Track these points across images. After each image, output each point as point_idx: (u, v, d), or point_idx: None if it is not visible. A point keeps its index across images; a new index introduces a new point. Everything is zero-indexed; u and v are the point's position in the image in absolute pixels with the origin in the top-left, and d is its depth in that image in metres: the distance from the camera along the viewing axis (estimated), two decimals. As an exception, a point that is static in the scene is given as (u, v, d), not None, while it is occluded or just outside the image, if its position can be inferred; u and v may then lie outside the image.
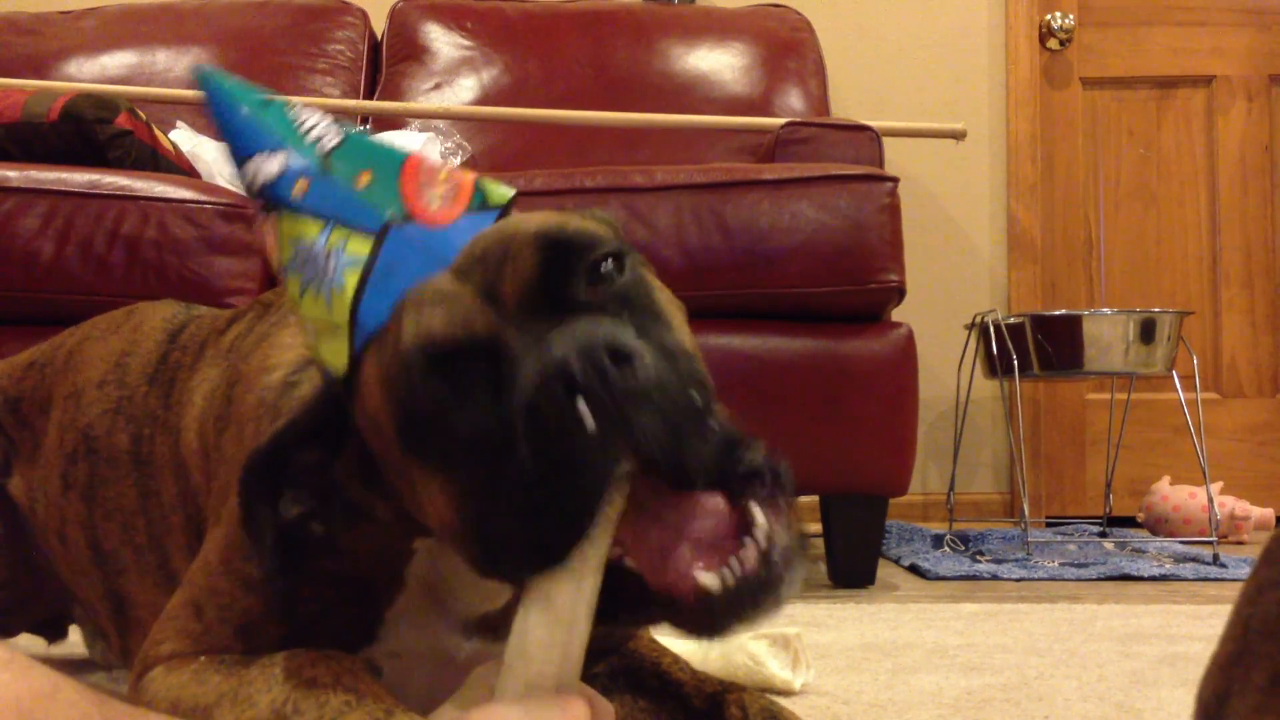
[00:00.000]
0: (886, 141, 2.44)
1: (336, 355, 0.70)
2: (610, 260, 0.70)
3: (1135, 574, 2.22)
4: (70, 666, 1.38)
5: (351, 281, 0.69)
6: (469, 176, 0.75)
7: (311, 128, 0.74)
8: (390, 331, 0.68)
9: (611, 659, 0.95)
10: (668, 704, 0.92)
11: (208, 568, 0.84)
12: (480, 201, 0.74)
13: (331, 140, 0.73)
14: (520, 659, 0.67)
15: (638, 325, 0.68)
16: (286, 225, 0.71)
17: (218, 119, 0.75)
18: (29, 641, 1.32)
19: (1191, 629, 1.63)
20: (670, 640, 1.32)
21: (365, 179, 0.71)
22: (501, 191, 0.75)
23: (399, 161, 0.73)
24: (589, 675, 0.93)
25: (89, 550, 1.08)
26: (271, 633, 0.80)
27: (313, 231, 0.70)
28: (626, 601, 0.66)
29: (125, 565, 1.04)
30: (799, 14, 3.16)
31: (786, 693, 1.23)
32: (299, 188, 0.71)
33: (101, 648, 1.24)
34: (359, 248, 0.69)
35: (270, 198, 0.72)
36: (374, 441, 0.72)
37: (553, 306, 0.67)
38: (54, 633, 1.33)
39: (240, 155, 0.73)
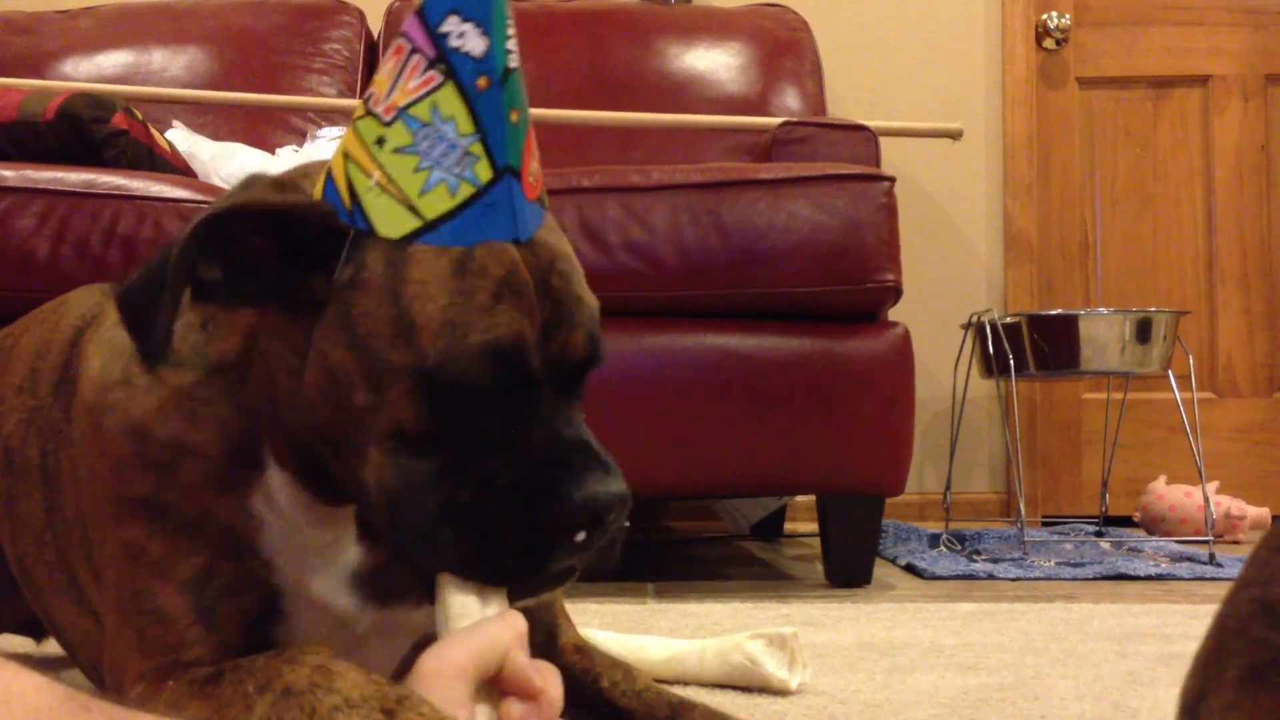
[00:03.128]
0: (883, 141, 2.44)
1: (393, 223, 0.73)
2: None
3: (1131, 573, 2.22)
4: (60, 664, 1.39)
5: (464, 194, 0.72)
6: (539, 167, 0.80)
7: (512, 37, 0.76)
8: (485, 288, 0.72)
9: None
10: None
11: (122, 611, 0.83)
12: (544, 196, 0.80)
13: (514, 61, 0.76)
14: (462, 618, 0.74)
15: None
16: (447, 99, 0.72)
17: None
18: (20, 643, 1.32)
19: (1187, 628, 1.63)
20: (670, 641, 1.32)
21: (515, 116, 0.74)
22: (546, 196, 0.81)
23: (528, 122, 0.76)
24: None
25: (17, 568, 1.05)
26: (210, 642, 0.81)
27: (466, 128, 0.72)
28: None
29: (43, 584, 1.01)
30: (796, 13, 3.16)
31: (783, 692, 1.23)
32: (481, 81, 0.73)
33: None
34: (485, 171, 0.73)
35: (455, 65, 0.73)
36: (379, 329, 0.73)
37: (569, 390, 0.77)
38: (41, 631, 1.32)
39: (452, 5, 0.74)
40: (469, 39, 0.73)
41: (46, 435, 0.97)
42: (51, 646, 1.36)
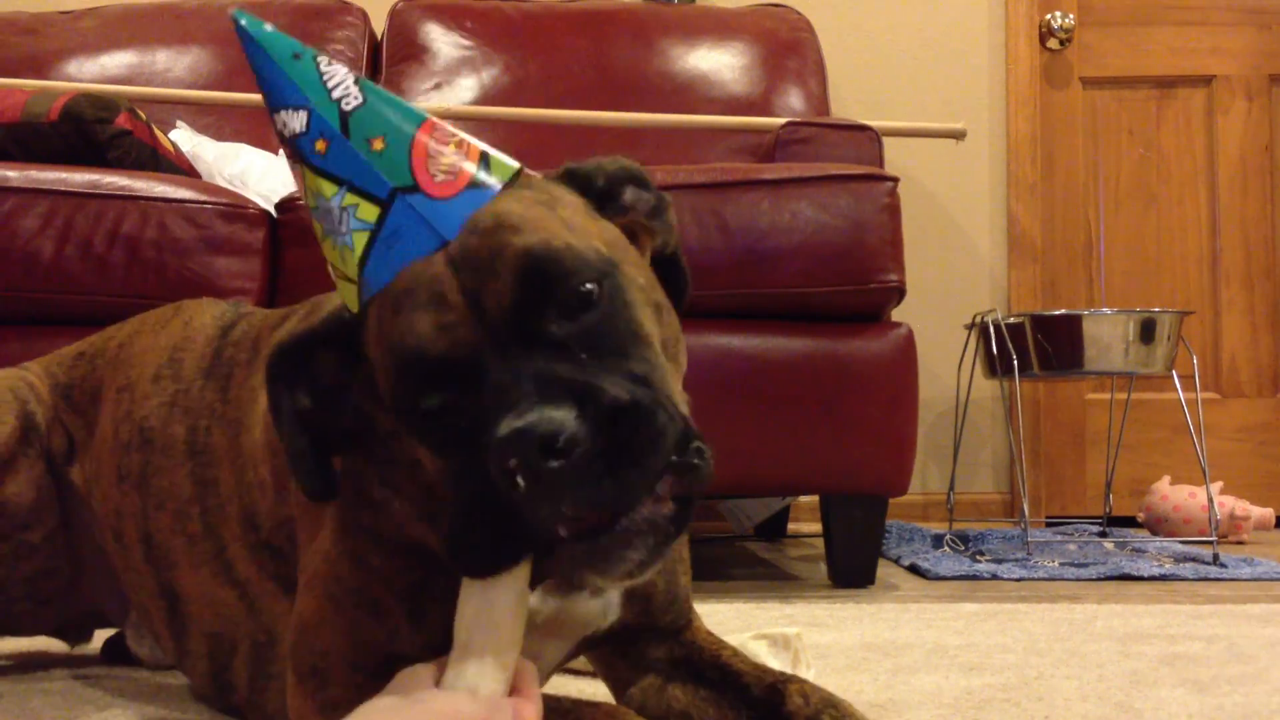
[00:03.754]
0: (886, 141, 2.44)
1: (350, 299, 0.79)
2: (588, 289, 0.75)
3: (1135, 574, 2.22)
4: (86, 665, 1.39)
5: (360, 244, 0.76)
6: (477, 148, 0.79)
7: (337, 84, 0.79)
8: (385, 312, 0.75)
9: (674, 648, 0.98)
10: (728, 693, 0.94)
11: (334, 599, 0.89)
12: (485, 173, 0.78)
13: (353, 101, 0.78)
14: (484, 633, 0.73)
15: (604, 362, 0.74)
16: (309, 180, 0.78)
17: (252, 66, 0.81)
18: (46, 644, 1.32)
19: (1191, 629, 1.63)
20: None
21: (379, 144, 0.76)
22: (507, 165, 0.80)
23: (414, 127, 0.78)
24: (650, 660, 0.98)
25: (141, 545, 1.11)
26: (415, 641, 0.86)
27: (329, 190, 0.77)
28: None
29: (177, 558, 1.07)
30: (799, 14, 3.16)
31: (786, 692, 1.23)
32: (319, 146, 0.77)
33: (150, 645, 1.24)
34: (368, 213, 0.76)
35: (294, 151, 0.78)
36: (382, 392, 0.79)
37: (526, 336, 0.73)
38: (77, 635, 1.33)
39: (271, 105, 0.80)
40: (291, 122, 0.78)
41: (195, 414, 1.06)
42: (34, 645, 1.36)
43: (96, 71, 2.91)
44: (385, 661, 0.85)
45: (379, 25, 3.14)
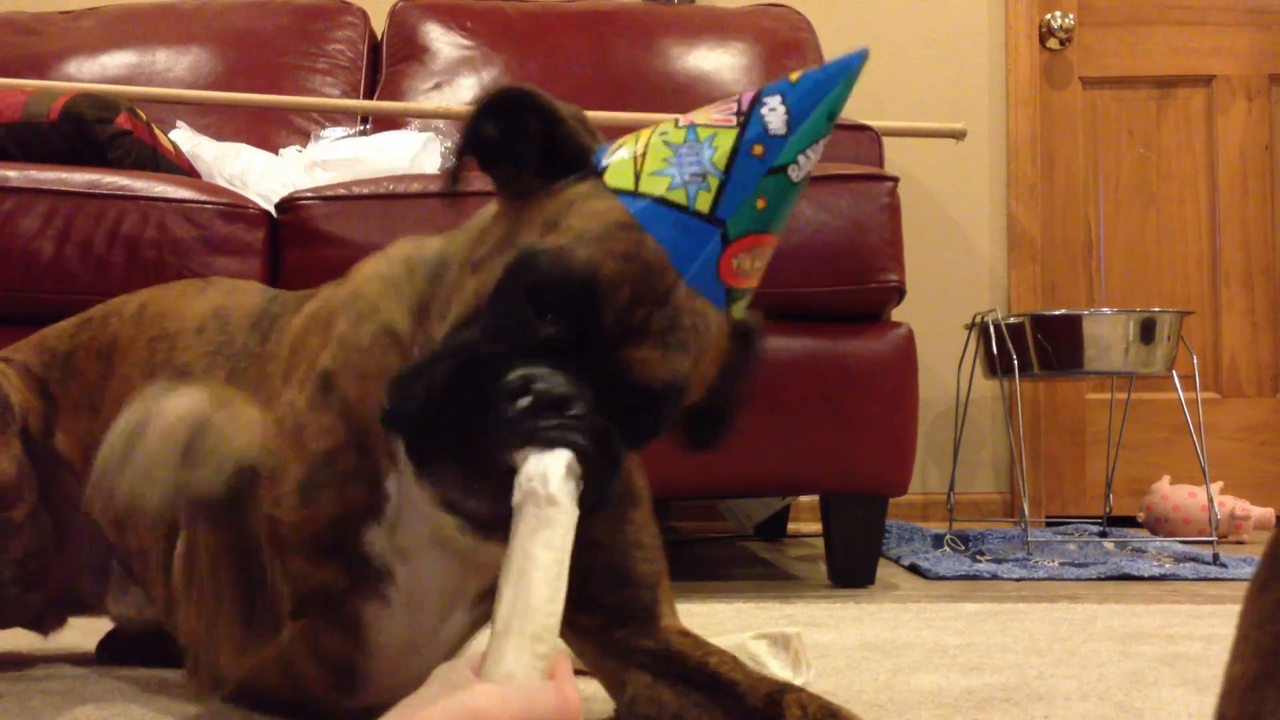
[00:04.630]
0: (886, 141, 2.44)
1: (619, 179, 0.83)
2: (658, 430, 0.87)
3: (1135, 574, 2.22)
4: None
5: (678, 197, 0.81)
6: (755, 280, 0.91)
7: (808, 158, 0.85)
8: (629, 241, 0.80)
9: (653, 643, 1.00)
10: (723, 701, 0.94)
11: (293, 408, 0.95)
12: (736, 298, 0.90)
13: (796, 175, 0.84)
14: (521, 618, 0.73)
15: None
16: (724, 138, 0.82)
17: (822, 77, 0.87)
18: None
19: (1191, 629, 1.63)
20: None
21: (761, 204, 0.83)
22: (741, 311, 0.96)
23: (768, 228, 0.85)
24: (632, 653, 0.99)
25: None
26: (298, 517, 0.93)
27: (720, 165, 0.82)
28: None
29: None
30: (799, 14, 3.16)
31: (786, 692, 1.23)
32: (758, 150, 0.82)
33: (139, 601, 1.23)
34: (705, 203, 0.81)
35: (751, 123, 0.83)
36: (542, 204, 0.84)
37: (618, 392, 0.81)
38: (55, 621, 1.32)
39: (790, 92, 0.85)
40: (775, 116, 0.83)
41: (236, 358, 1.11)
42: (34, 644, 1.36)
43: (96, 71, 2.90)
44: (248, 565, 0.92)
45: (379, 25, 3.14)
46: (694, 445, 0.95)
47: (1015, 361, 2.58)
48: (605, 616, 1.01)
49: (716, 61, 3.00)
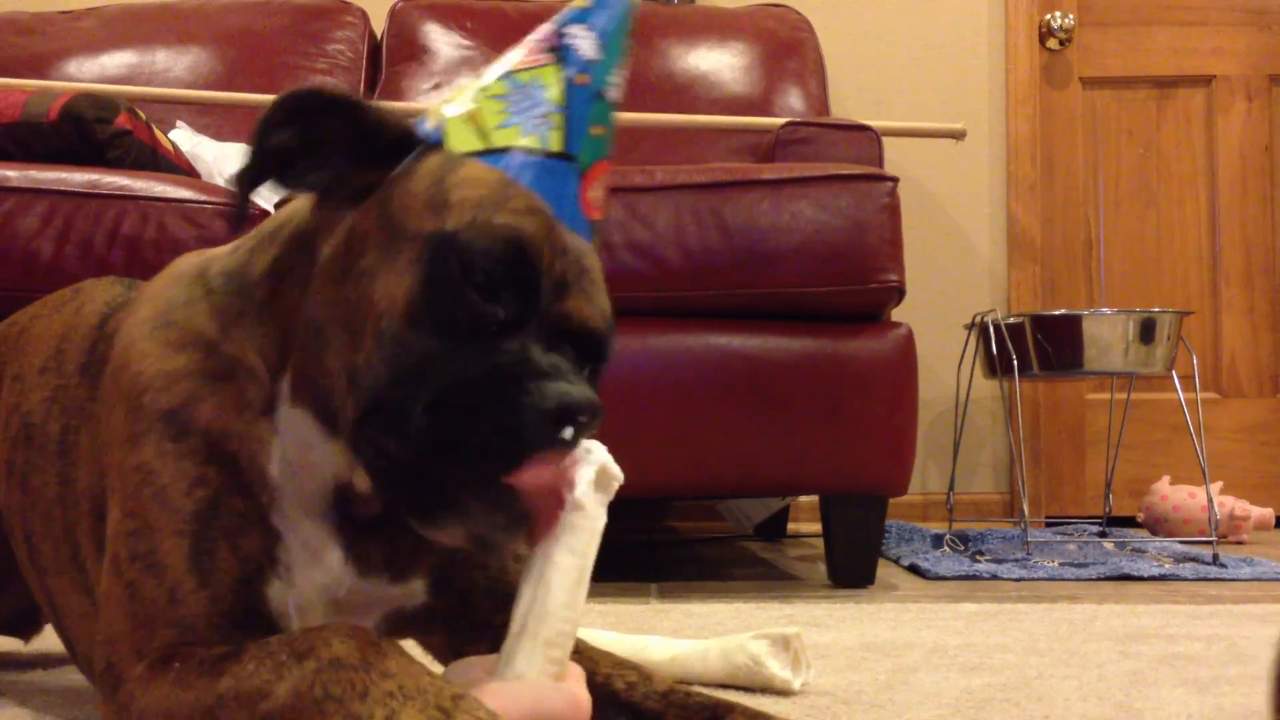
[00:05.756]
0: (886, 141, 2.44)
1: (461, 142, 0.80)
2: (602, 370, 0.83)
3: (1135, 574, 2.22)
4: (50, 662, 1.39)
5: (532, 141, 0.80)
6: (607, 206, 0.86)
7: (618, 74, 0.85)
8: (521, 197, 0.78)
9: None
10: None
11: (116, 563, 0.83)
12: (597, 228, 0.85)
13: (613, 94, 0.84)
14: (537, 621, 0.73)
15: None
16: (548, 73, 0.82)
17: None
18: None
19: (1191, 629, 1.63)
20: (674, 641, 1.32)
21: (597, 132, 0.82)
22: (597, 237, 0.87)
23: (605, 152, 0.84)
24: None
25: (25, 545, 1.05)
26: (200, 598, 0.80)
27: (553, 99, 0.81)
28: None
29: (48, 563, 1.01)
30: (799, 14, 3.16)
31: (786, 692, 1.23)
32: (580, 79, 0.82)
33: None
34: (556, 142, 0.80)
35: (565, 54, 0.82)
36: (414, 207, 0.78)
37: (569, 348, 0.79)
38: (29, 629, 1.31)
39: (586, 16, 0.84)
40: (585, 44, 0.83)
41: (70, 412, 0.99)
42: (35, 645, 1.36)
43: (96, 71, 2.91)
44: (172, 644, 0.78)
45: (379, 25, 3.14)
46: None
47: (1015, 361, 2.58)
48: (496, 639, 0.85)
49: (716, 61, 3.00)
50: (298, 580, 0.84)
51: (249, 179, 0.80)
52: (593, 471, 0.74)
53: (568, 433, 0.73)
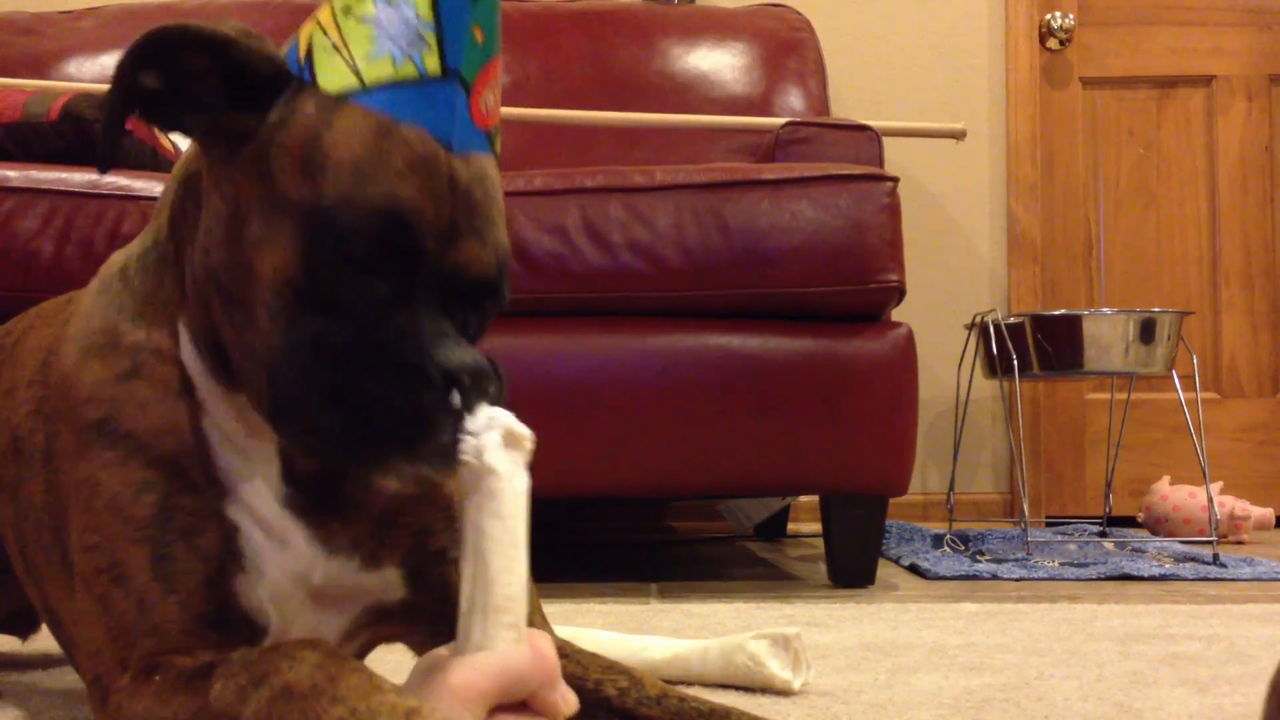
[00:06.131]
0: (886, 141, 2.44)
1: (333, 78, 0.76)
2: (503, 300, 0.81)
3: (1135, 574, 2.22)
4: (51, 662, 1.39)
5: (407, 70, 0.75)
6: (499, 110, 0.82)
7: None
8: (403, 151, 0.74)
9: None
10: None
11: (84, 578, 0.83)
12: (494, 135, 0.81)
13: None
14: (483, 593, 0.72)
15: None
16: None
17: None
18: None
19: (1191, 629, 1.63)
20: (673, 641, 1.32)
21: (479, 36, 0.77)
22: (499, 142, 0.83)
23: (495, 52, 0.79)
24: None
25: (21, 558, 1.04)
26: (169, 604, 0.79)
27: (425, 16, 0.76)
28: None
29: (42, 571, 1.00)
30: (799, 14, 3.16)
31: (786, 692, 1.23)
32: None
33: None
34: (434, 65, 0.76)
35: None
36: (288, 165, 0.75)
37: (463, 295, 0.77)
38: (26, 628, 1.30)
39: None
40: None
41: (54, 420, 0.97)
42: (35, 645, 1.36)
43: (96, 71, 2.91)
44: (152, 652, 0.77)
45: (379, 25, 3.14)
46: None
47: (1015, 361, 2.58)
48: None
49: (716, 61, 3.00)
50: (266, 570, 0.82)
51: (111, 120, 0.77)
52: (498, 435, 0.74)
53: (456, 399, 0.72)
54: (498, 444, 0.74)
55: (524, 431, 0.75)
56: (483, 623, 0.72)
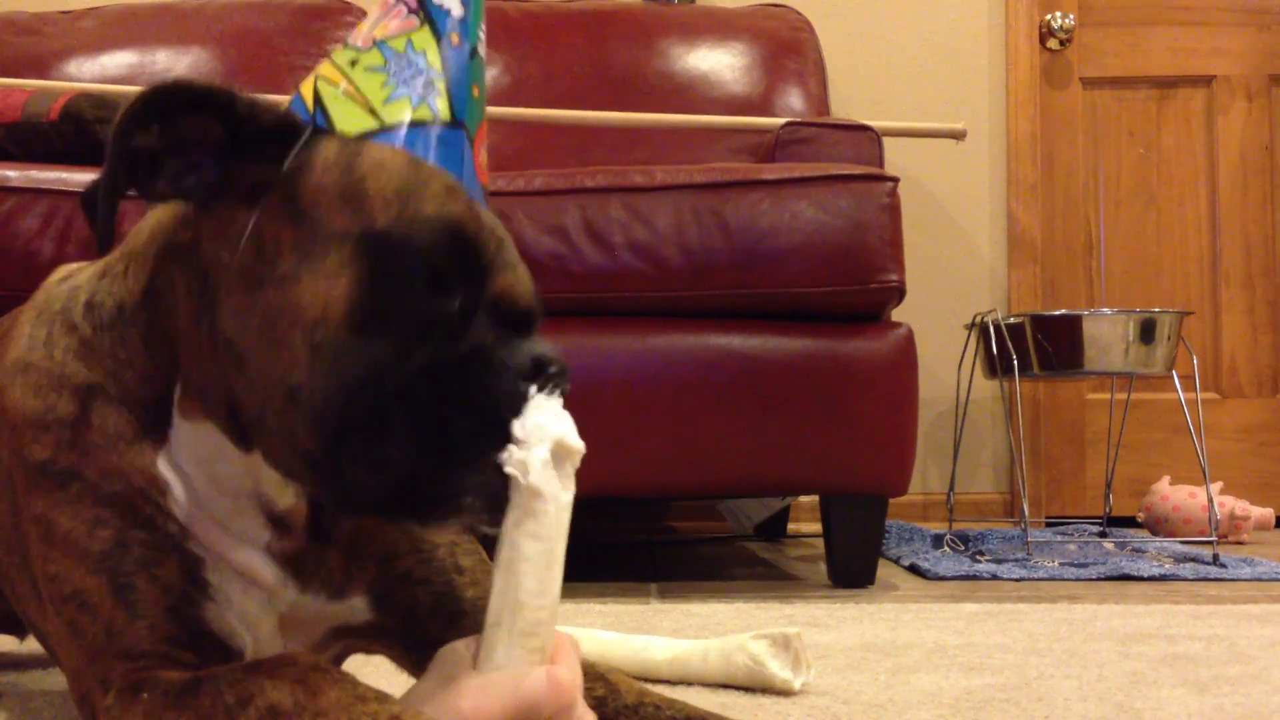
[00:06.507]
0: (886, 141, 2.44)
1: (351, 120, 0.76)
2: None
3: (1135, 574, 2.22)
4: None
5: (424, 112, 0.76)
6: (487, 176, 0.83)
7: (482, 28, 0.81)
8: (439, 180, 0.74)
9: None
10: None
11: (53, 603, 0.82)
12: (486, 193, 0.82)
13: (482, 50, 0.81)
14: (511, 613, 0.71)
15: None
16: (421, 38, 0.78)
17: None
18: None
19: (1191, 629, 1.63)
20: (674, 641, 1.32)
21: (476, 93, 0.79)
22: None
23: (483, 113, 0.81)
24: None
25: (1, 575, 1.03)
26: (137, 629, 0.78)
27: (436, 66, 0.77)
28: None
29: (17, 588, 0.98)
30: (799, 14, 3.16)
31: (786, 692, 1.23)
32: (455, 39, 0.79)
33: None
34: (445, 111, 0.77)
35: (433, 14, 0.79)
36: (327, 201, 0.74)
37: (511, 323, 0.76)
38: (23, 629, 1.30)
39: None
40: (449, 1, 0.79)
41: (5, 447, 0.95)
42: (35, 645, 1.36)
43: (96, 71, 2.91)
44: (132, 671, 0.76)
45: (379, 25, 3.14)
46: None
47: (1015, 361, 2.58)
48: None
49: (716, 61, 3.00)
50: (234, 599, 0.81)
51: (110, 192, 0.74)
52: (546, 450, 0.71)
53: (531, 389, 0.72)
54: (544, 460, 0.71)
55: (576, 445, 0.73)
56: (508, 643, 0.72)
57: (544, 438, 0.71)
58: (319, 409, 0.71)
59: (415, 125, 0.75)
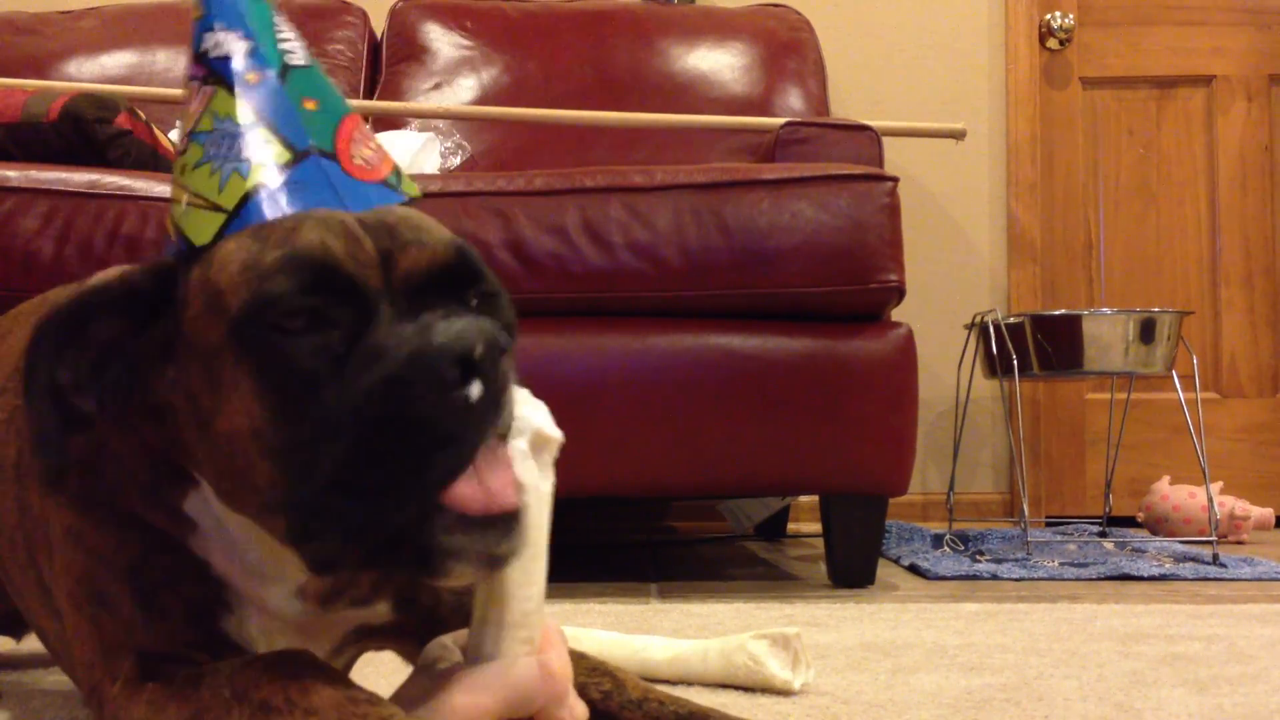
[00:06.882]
0: (886, 141, 2.44)
1: (202, 229, 0.74)
2: (497, 291, 0.78)
3: (1135, 574, 2.22)
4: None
5: (257, 174, 0.73)
6: (391, 160, 0.80)
7: (286, 39, 0.78)
8: (280, 230, 0.72)
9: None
10: None
11: (74, 599, 0.84)
12: (394, 181, 0.79)
13: (298, 59, 0.78)
14: (496, 605, 0.71)
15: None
16: (220, 101, 0.75)
17: None
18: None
19: (1191, 629, 1.63)
20: (673, 641, 1.32)
21: (311, 105, 0.76)
22: (413, 186, 0.81)
23: (344, 110, 0.78)
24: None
25: (1, 567, 1.04)
26: (156, 631, 0.80)
27: (245, 117, 0.75)
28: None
29: (19, 585, 1.00)
30: (799, 14, 3.16)
31: (786, 692, 1.23)
32: (251, 77, 0.76)
33: None
34: (281, 154, 0.74)
35: (220, 71, 0.76)
36: (201, 323, 0.73)
37: (436, 299, 0.72)
38: (22, 628, 1.30)
39: (207, 21, 0.77)
40: (227, 44, 0.76)
41: (24, 433, 0.96)
42: (35, 645, 1.36)
43: (96, 71, 2.91)
44: (141, 662, 0.79)
45: (379, 25, 3.14)
46: None
47: (1015, 361, 2.58)
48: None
49: (716, 61, 3.00)
50: (254, 615, 0.82)
51: (52, 437, 0.74)
52: (524, 441, 0.70)
53: (475, 389, 0.67)
54: (524, 452, 0.70)
55: (554, 435, 0.72)
56: (496, 635, 0.72)
57: (522, 429, 0.71)
58: (283, 513, 0.71)
59: (255, 191, 0.73)
